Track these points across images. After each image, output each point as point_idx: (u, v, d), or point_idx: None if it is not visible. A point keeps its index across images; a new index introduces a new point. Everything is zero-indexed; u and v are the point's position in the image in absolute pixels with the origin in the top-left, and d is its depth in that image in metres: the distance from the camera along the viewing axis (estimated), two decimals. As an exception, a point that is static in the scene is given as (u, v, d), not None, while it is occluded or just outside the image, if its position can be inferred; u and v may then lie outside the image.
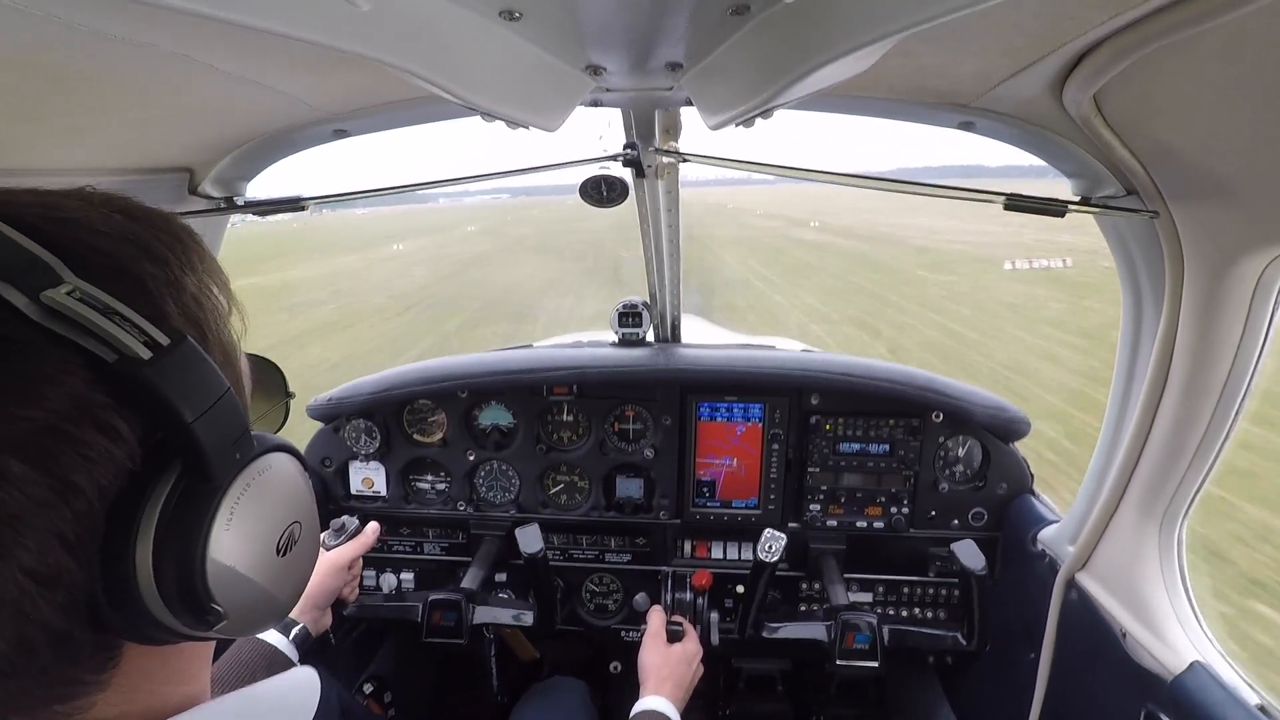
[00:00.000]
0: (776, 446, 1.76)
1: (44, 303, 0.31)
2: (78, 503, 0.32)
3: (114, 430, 0.33)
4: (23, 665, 0.31)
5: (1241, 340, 0.98)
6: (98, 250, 0.36)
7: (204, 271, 0.42)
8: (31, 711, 0.33)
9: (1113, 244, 1.19)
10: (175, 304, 0.39)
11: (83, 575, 0.32)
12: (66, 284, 0.32)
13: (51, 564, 0.31)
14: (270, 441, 0.42)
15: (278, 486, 0.42)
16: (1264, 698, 1.02)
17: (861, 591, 1.83)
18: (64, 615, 0.32)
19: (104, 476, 0.33)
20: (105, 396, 0.32)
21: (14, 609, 0.30)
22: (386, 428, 1.85)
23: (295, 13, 0.51)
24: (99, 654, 0.35)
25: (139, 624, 0.35)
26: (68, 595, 0.32)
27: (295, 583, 0.45)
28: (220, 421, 0.36)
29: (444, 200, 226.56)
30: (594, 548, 1.91)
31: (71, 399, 0.31)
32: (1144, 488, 1.17)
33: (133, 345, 0.33)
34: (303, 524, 0.45)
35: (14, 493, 0.29)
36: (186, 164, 1.14)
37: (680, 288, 1.85)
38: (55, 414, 0.31)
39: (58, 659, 0.33)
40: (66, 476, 0.31)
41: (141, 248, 0.38)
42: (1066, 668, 1.37)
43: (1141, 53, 0.69)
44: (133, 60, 0.73)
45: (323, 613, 1.38)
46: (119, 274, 0.36)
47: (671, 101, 1.08)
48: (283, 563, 0.42)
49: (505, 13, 0.70)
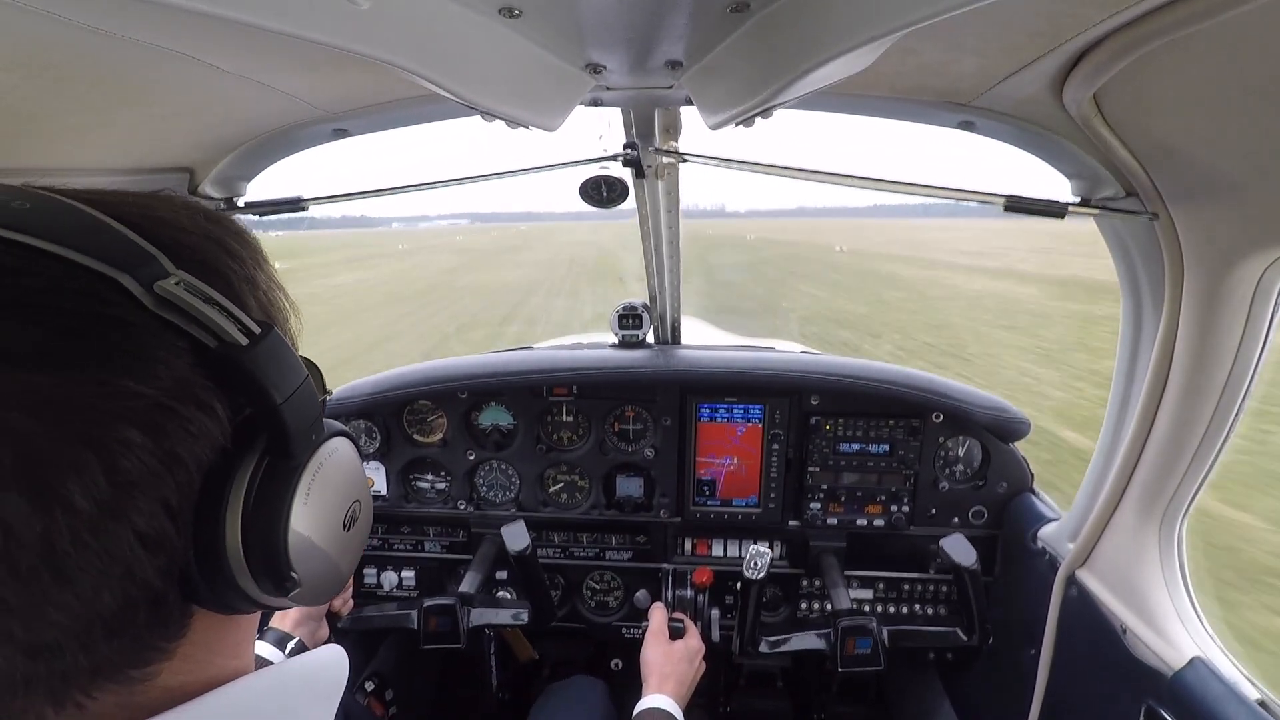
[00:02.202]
0: (777, 446, 1.76)
1: (157, 292, 0.34)
2: (180, 474, 0.34)
3: (212, 409, 0.36)
4: (124, 625, 0.33)
5: (1241, 341, 0.98)
6: (188, 247, 0.39)
7: (268, 271, 0.46)
8: (115, 675, 0.35)
9: (1112, 246, 1.19)
10: (253, 298, 0.42)
11: (180, 542, 0.35)
12: (173, 276, 0.35)
13: (157, 529, 0.33)
14: (335, 427, 0.46)
15: (344, 467, 0.46)
16: (1264, 692, 1.02)
17: (862, 589, 1.83)
18: (163, 578, 0.35)
19: (202, 451, 0.36)
20: (205, 378, 0.35)
21: (125, 569, 0.32)
22: (387, 428, 1.85)
23: (295, 12, 0.51)
24: (180, 621, 0.37)
25: (223, 590, 0.38)
26: (168, 560, 0.35)
27: (354, 556, 0.49)
28: (301, 405, 0.40)
29: (397, 225, 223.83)
30: (594, 545, 1.91)
31: (178, 379, 0.34)
32: (1144, 486, 1.18)
33: (232, 332, 0.36)
34: (361, 502, 0.49)
35: (134, 460, 0.32)
36: (186, 164, 1.14)
37: (680, 289, 1.85)
38: (165, 392, 0.33)
39: (149, 622, 0.35)
40: (173, 449, 0.34)
41: (222, 246, 0.42)
42: (1067, 664, 1.37)
43: (1141, 51, 0.69)
44: (133, 60, 0.73)
45: (319, 625, 1.39)
46: (208, 268, 0.39)
47: (671, 100, 1.08)
48: (347, 536, 0.46)
49: (505, 10, 0.70)
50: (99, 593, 0.31)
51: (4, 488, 0.28)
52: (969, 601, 1.49)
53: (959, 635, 1.57)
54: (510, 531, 1.56)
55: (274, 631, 1.30)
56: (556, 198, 56.41)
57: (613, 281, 25.38)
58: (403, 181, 1.38)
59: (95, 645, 0.32)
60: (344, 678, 0.48)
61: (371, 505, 0.51)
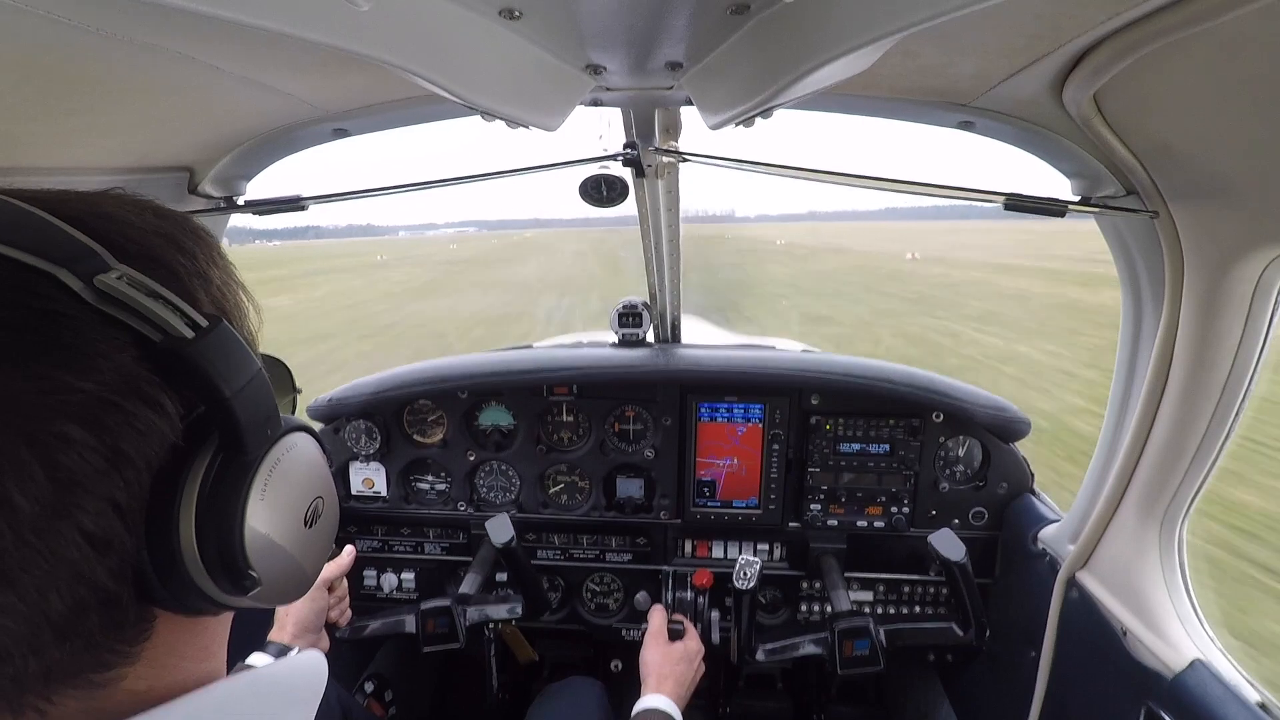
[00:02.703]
0: (777, 447, 1.76)
1: (97, 286, 0.33)
2: (128, 471, 0.34)
3: (159, 404, 0.35)
4: (76, 628, 0.33)
5: (1241, 340, 0.98)
6: (135, 242, 0.38)
7: (224, 267, 0.45)
8: (73, 680, 0.34)
9: (1112, 244, 1.19)
10: (204, 293, 0.42)
11: (131, 542, 0.34)
12: (115, 270, 0.35)
13: (106, 528, 0.33)
14: (293, 422, 0.45)
15: (303, 462, 0.45)
16: (1265, 695, 1.02)
17: (862, 590, 1.83)
18: (115, 580, 0.34)
19: (150, 448, 0.35)
20: (151, 373, 0.35)
21: (72, 570, 0.32)
22: (387, 428, 1.85)
23: (296, 12, 0.51)
24: (138, 624, 0.37)
25: (180, 591, 0.37)
26: (119, 560, 0.34)
27: (318, 555, 0.48)
28: (254, 398, 0.39)
29: (404, 233, 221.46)
30: (594, 547, 1.91)
31: (121, 374, 0.33)
32: (1144, 487, 1.17)
33: (177, 325, 0.35)
34: (324, 499, 0.48)
35: (75, 457, 0.31)
36: (186, 163, 1.14)
37: (680, 288, 1.85)
38: (107, 387, 0.33)
39: (104, 625, 0.34)
40: (118, 445, 0.33)
41: (172, 241, 0.41)
42: (1067, 666, 1.37)
43: (1142, 52, 0.69)
44: (133, 60, 0.73)
45: (319, 636, 1.38)
46: (155, 263, 0.39)
47: (671, 101, 1.08)
48: (309, 534, 0.45)
49: (505, 12, 0.70)
50: (45, 594, 0.31)
51: None
52: (961, 596, 1.48)
53: (954, 630, 1.57)
54: (494, 525, 1.55)
55: (274, 645, 1.29)
56: (565, 204, 54.42)
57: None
58: (401, 181, 1.38)
59: (45, 649, 0.32)
60: (322, 683, 0.47)
61: (337, 503, 0.50)
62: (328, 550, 0.50)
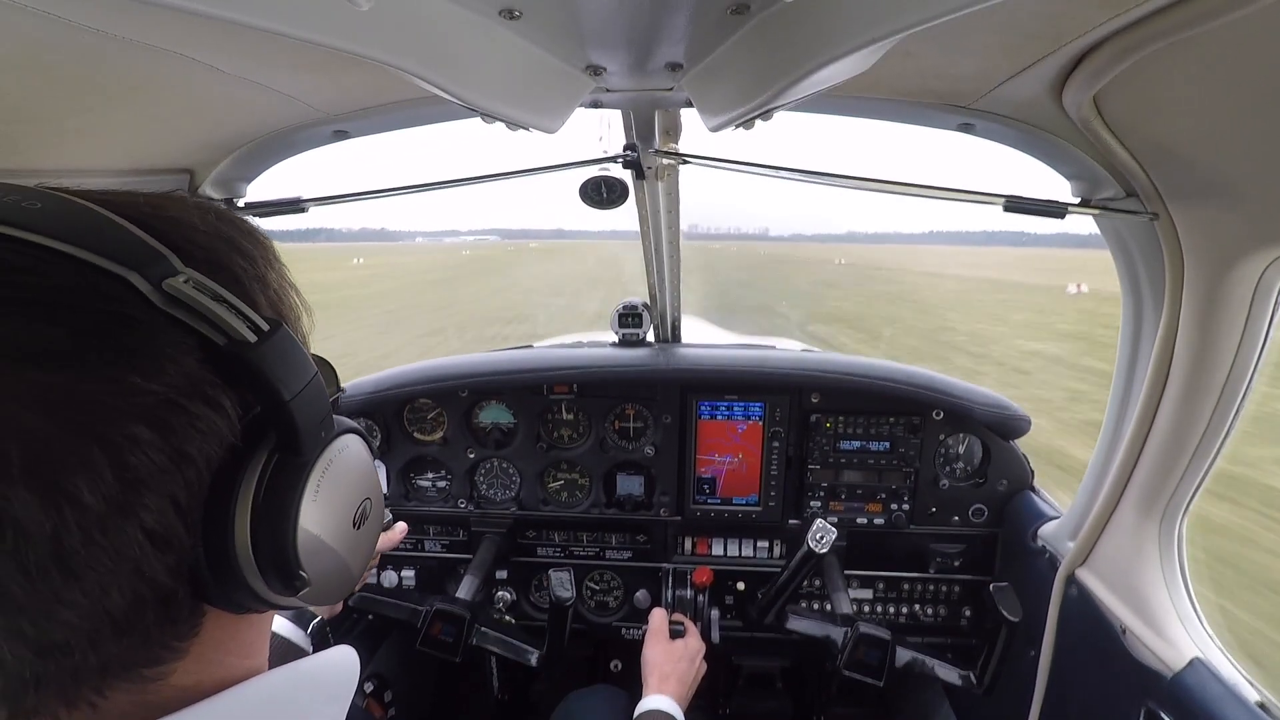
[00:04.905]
0: (777, 444, 1.77)
1: (166, 290, 0.34)
2: (189, 471, 0.34)
3: (220, 406, 0.36)
4: (134, 623, 0.33)
5: (1241, 341, 0.98)
6: (200, 246, 0.39)
7: (280, 270, 0.46)
8: (126, 674, 0.35)
9: (1113, 245, 1.19)
10: (263, 296, 0.42)
11: (189, 540, 0.35)
12: (182, 274, 0.35)
13: (166, 527, 0.33)
14: (345, 424, 0.46)
15: (354, 464, 0.45)
16: (1264, 694, 1.02)
17: (862, 588, 1.83)
18: (172, 577, 0.35)
19: (211, 448, 0.36)
20: (214, 375, 0.36)
21: (133, 566, 0.32)
22: (387, 426, 1.85)
23: (295, 13, 0.51)
24: (190, 620, 0.37)
25: (232, 589, 0.38)
26: (177, 558, 0.35)
27: (365, 555, 0.48)
28: (310, 402, 0.40)
29: (421, 239, 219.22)
30: (594, 545, 1.91)
31: (186, 376, 0.34)
32: (1144, 485, 1.18)
33: (239, 329, 0.36)
34: (372, 500, 0.48)
35: (142, 457, 0.32)
36: (186, 165, 1.14)
37: (680, 288, 1.85)
38: (173, 388, 0.33)
39: (159, 621, 0.35)
40: (181, 446, 0.34)
41: (234, 245, 0.42)
42: (1066, 664, 1.37)
43: (1141, 53, 0.69)
44: (133, 60, 0.73)
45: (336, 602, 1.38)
46: (218, 267, 0.39)
47: (671, 102, 1.08)
48: (357, 535, 0.46)
49: (505, 12, 0.70)
50: (108, 591, 0.32)
51: (13, 485, 0.28)
52: (993, 654, 1.38)
53: (971, 679, 1.45)
54: (557, 579, 1.50)
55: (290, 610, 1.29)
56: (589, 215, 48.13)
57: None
58: (402, 184, 1.38)
59: (104, 643, 0.32)
60: (355, 678, 0.48)
61: (383, 503, 0.51)
62: (372, 551, 0.50)
